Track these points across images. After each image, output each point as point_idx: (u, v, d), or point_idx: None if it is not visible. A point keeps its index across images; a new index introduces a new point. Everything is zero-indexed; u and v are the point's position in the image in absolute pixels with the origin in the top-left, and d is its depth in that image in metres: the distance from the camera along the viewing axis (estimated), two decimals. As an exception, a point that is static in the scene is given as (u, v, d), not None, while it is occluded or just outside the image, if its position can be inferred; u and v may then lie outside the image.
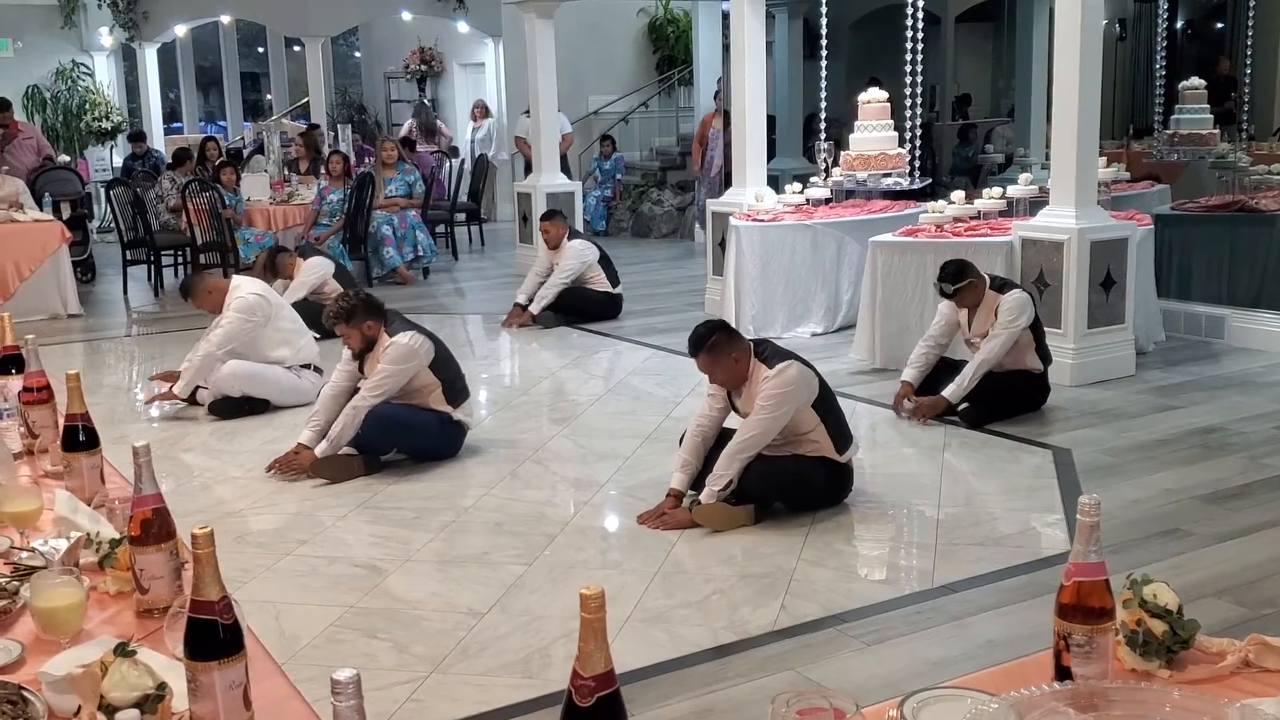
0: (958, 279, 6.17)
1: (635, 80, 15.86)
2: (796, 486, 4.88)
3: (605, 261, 9.35)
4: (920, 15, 8.56)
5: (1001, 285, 6.26)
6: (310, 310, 7.65)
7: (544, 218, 9.42)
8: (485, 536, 4.84)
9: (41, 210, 10.84)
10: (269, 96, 21.78)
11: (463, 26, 16.25)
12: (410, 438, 5.70)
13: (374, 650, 3.84)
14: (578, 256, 9.14)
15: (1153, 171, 10.09)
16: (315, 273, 8.55)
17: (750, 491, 4.82)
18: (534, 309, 9.07)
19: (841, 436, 4.91)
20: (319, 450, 5.54)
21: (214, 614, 1.73)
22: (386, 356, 5.56)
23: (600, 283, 9.26)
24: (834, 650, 3.78)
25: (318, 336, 7.04)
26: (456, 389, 5.78)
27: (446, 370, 5.74)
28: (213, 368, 6.61)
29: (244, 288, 6.73)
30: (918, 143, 8.88)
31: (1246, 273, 8.17)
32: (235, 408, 6.66)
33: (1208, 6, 14.49)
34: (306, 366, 6.85)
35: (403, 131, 15.68)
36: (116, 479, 3.06)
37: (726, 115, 13.36)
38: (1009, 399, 6.24)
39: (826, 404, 4.88)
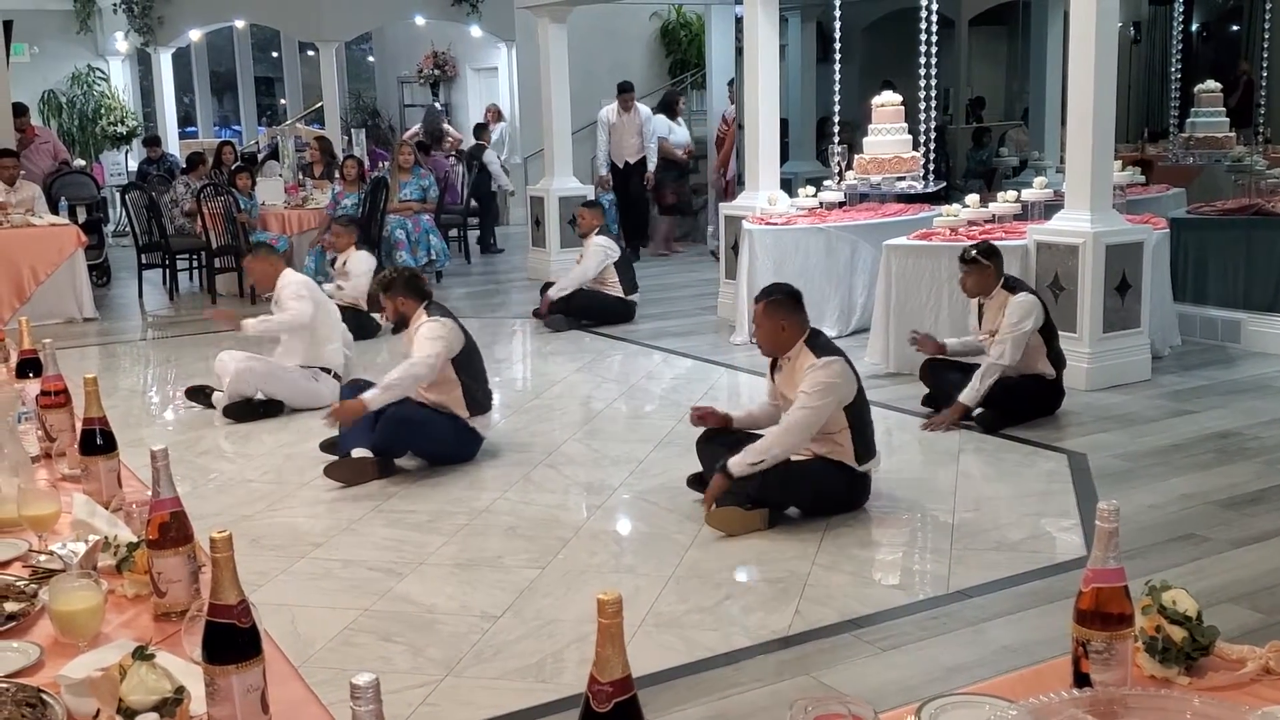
0: (987, 254, 6.24)
1: (648, 84, 15.83)
2: (813, 492, 4.88)
3: (624, 266, 9.36)
4: (934, 18, 8.55)
5: (1013, 286, 6.25)
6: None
7: (584, 204, 9.76)
8: (499, 540, 4.85)
9: (57, 214, 10.89)
10: (283, 101, 21.83)
11: (476, 31, 16.27)
12: (426, 439, 5.71)
13: (389, 654, 3.84)
14: (600, 252, 9.20)
15: (1152, 168, 10.05)
16: (364, 265, 8.81)
17: (767, 495, 4.82)
18: (551, 293, 9.19)
19: (865, 447, 4.93)
20: (369, 396, 5.58)
21: (232, 617, 1.73)
22: (421, 332, 5.66)
23: (614, 287, 9.27)
24: (849, 655, 3.77)
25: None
26: (477, 398, 5.81)
27: (469, 369, 5.76)
28: (275, 333, 6.88)
29: (291, 275, 6.95)
30: (932, 146, 8.86)
31: (1263, 276, 8.13)
32: (249, 411, 6.68)
33: (1223, 9, 14.44)
34: (327, 371, 6.85)
35: (407, 134, 15.70)
36: (134, 482, 3.06)
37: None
38: (1022, 404, 6.22)
39: (859, 411, 4.90)
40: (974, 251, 6.25)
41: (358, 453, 5.57)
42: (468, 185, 13.88)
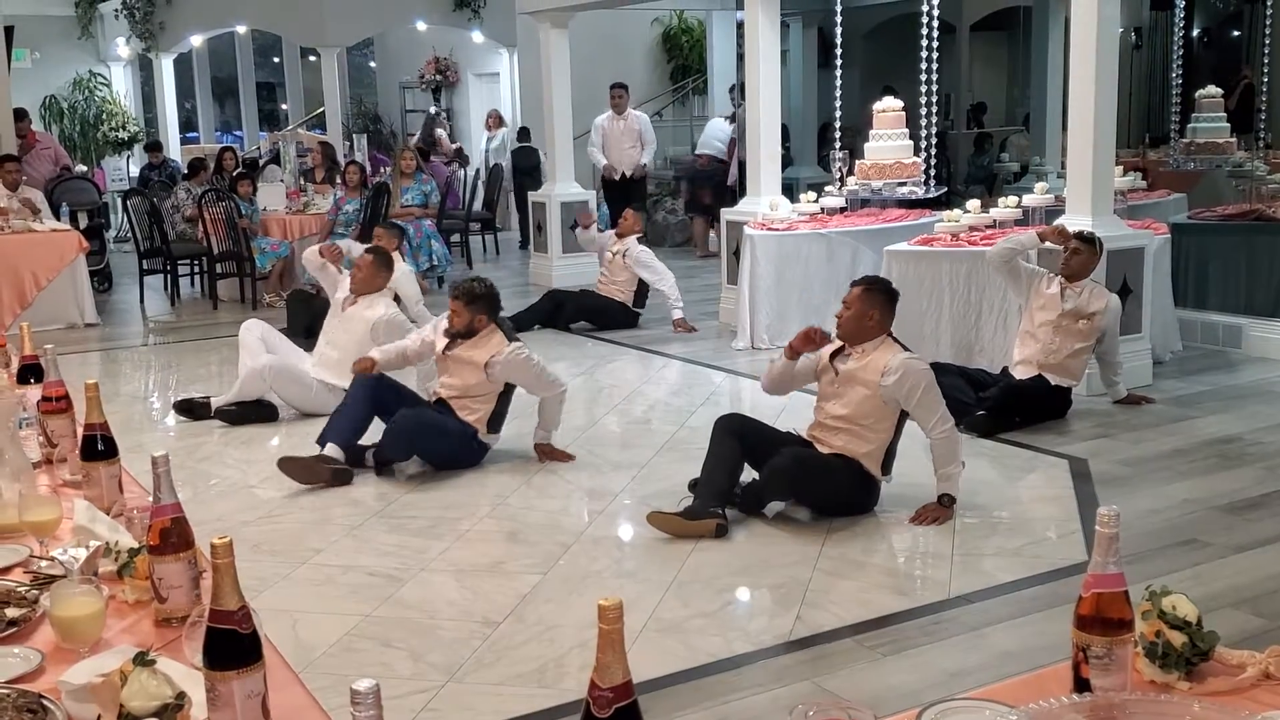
0: (1093, 240, 6.29)
1: (650, 90, 15.87)
2: (829, 493, 4.91)
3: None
4: (935, 24, 8.56)
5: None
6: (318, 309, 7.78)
7: (632, 207, 9.84)
8: (500, 546, 4.85)
9: (59, 220, 10.90)
10: (284, 106, 21.86)
11: (478, 36, 16.30)
12: (438, 444, 5.71)
13: (390, 659, 3.84)
14: (652, 254, 9.31)
15: (1158, 179, 10.06)
16: (405, 266, 8.57)
17: (776, 492, 4.86)
18: (675, 316, 9.14)
19: (891, 458, 4.97)
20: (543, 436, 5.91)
21: (233, 623, 1.73)
22: (517, 362, 5.67)
23: (626, 292, 9.33)
24: (850, 661, 3.77)
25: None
26: (499, 422, 5.87)
27: (507, 398, 5.84)
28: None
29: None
30: (933, 151, 8.87)
31: (1264, 282, 8.14)
32: (242, 416, 6.66)
33: (1224, 14, 14.46)
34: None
35: (415, 140, 15.74)
36: (135, 488, 3.07)
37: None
38: (1037, 407, 6.24)
39: (903, 422, 4.92)
40: (1088, 232, 6.30)
41: (331, 450, 5.57)
42: (508, 185, 14.03)
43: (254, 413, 6.70)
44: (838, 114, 9.27)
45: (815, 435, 4.97)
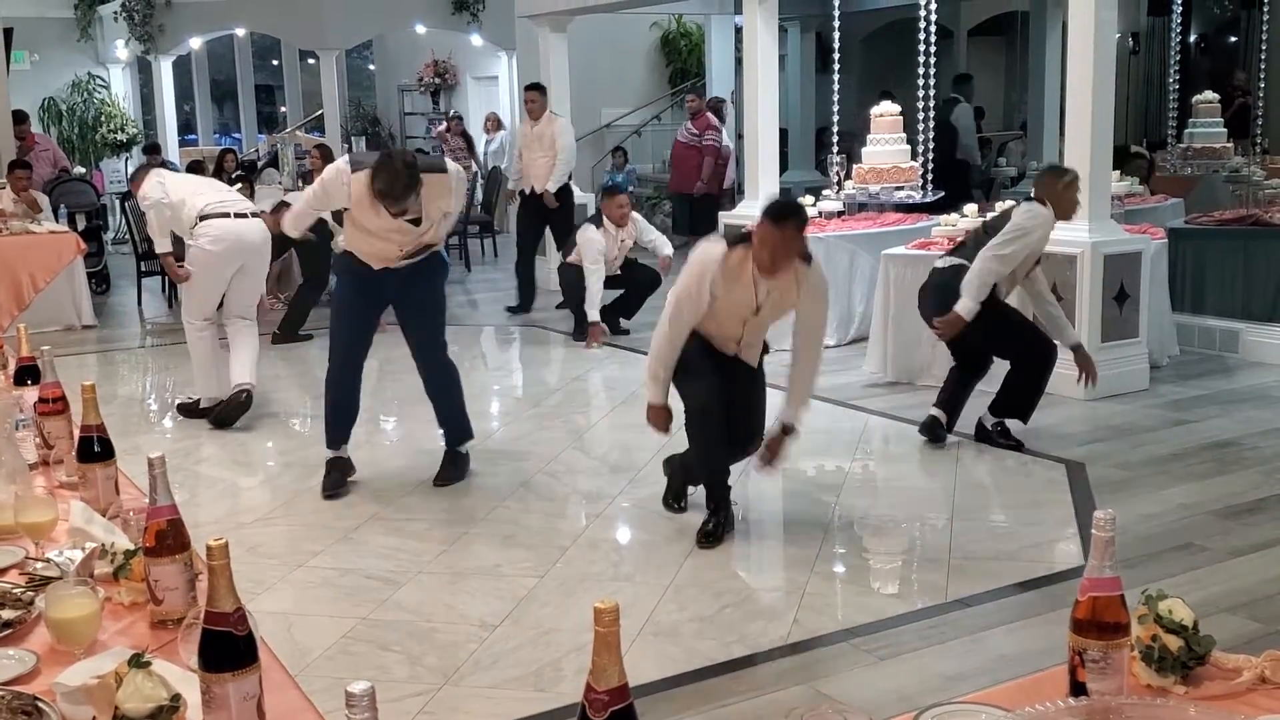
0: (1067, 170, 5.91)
1: (648, 93, 15.88)
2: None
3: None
4: (933, 29, 8.57)
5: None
6: None
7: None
8: (497, 549, 4.84)
9: (57, 222, 10.89)
10: (283, 109, 21.87)
11: (476, 39, 16.31)
12: None
13: (386, 662, 3.84)
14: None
15: (1155, 184, 10.06)
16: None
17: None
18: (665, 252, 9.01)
19: None
20: None
21: (228, 625, 1.73)
22: None
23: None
24: (847, 664, 3.77)
25: None
26: None
27: None
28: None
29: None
30: (930, 156, 8.87)
31: (1261, 286, 8.14)
32: (239, 409, 6.64)
33: (1221, 20, 14.48)
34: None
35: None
36: (131, 490, 3.06)
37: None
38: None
39: None
40: (1057, 165, 5.80)
41: (345, 451, 5.56)
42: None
43: (236, 411, 6.63)
44: (835, 118, 9.27)
45: (742, 356, 4.86)
